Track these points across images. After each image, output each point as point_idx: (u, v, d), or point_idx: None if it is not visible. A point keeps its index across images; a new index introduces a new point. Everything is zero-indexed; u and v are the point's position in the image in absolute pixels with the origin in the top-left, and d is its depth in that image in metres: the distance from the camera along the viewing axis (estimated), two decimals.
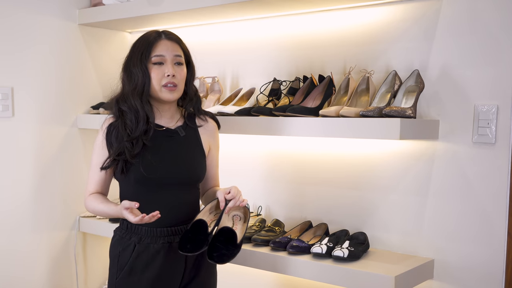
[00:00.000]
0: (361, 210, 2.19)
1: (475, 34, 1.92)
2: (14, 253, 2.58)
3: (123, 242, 1.82)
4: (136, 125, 1.77)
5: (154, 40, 1.80)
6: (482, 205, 1.92)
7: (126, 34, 2.98)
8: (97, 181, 1.86)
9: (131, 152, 1.76)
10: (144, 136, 1.77)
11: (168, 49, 1.80)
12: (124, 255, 1.80)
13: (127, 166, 1.78)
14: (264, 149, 2.47)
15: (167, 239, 1.79)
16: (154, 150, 1.79)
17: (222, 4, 2.20)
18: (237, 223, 1.83)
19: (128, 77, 1.81)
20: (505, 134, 1.87)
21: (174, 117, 1.88)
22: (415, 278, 1.93)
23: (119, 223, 1.89)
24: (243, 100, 2.44)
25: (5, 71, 2.52)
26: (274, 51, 2.43)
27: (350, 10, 2.20)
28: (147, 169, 1.76)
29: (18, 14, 2.54)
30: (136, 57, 1.79)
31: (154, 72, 1.78)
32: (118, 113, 1.81)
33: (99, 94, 2.87)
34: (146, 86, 1.78)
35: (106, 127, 1.84)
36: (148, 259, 1.78)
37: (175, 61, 1.81)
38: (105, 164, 1.81)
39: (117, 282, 1.80)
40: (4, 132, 2.52)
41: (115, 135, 1.80)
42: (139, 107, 1.77)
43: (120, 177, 1.82)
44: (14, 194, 2.57)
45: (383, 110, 1.85)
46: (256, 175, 2.49)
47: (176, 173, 1.80)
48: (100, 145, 1.84)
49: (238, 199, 1.74)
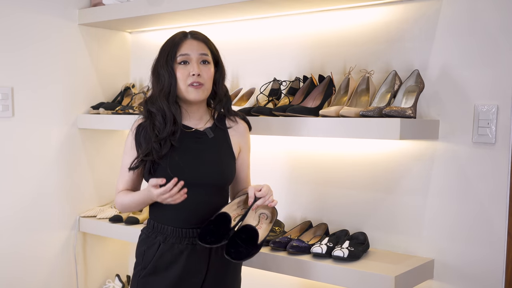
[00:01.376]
0: (361, 210, 2.19)
1: (475, 34, 1.92)
2: (14, 253, 2.57)
3: (148, 241, 1.82)
4: (164, 126, 1.77)
5: (180, 40, 1.81)
6: (482, 205, 1.92)
7: (126, 34, 2.98)
8: (127, 181, 1.87)
9: (158, 153, 1.76)
10: (172, 137, 1.77)
11: (193, 48, 1.80)
12: (149, 254, 1.80)
13: (154, 167, 1.78)
14: (264, 149, 2.47)
15: (191, 240, 1.78)
16: (182, 152, 1.79)
17: (222, 4, 2.20)
18: (263, 222, 1.79)
19: (156, 79, 1.81)
20: (505, 134, 1.87)
21: (203, 118, 1.87)
22: (415, 278, 1.93)
23: (146, 223, 1.88)
24: (243, 100, 2.44)
25: (5, 71, 2.52)
26: (274, 51, 2.43)
27: (350, 10, 2.20)
28: (174, 170, 1.75)
29: (18, 14, 2.54)
30: (162, 58, 1.80)
31: (179, 72, 1.78)
32: (147, 114, 1.82)
33: (99, 94, 2.87)
34: (173, 86, 1.78)
35: (135, 127, 1.85)
36: (172, 259, 1.77)
37: (200, 59, 1.80)
38: (133, 164, 1.82)
39: (139, 280, 1.80)
40: (4, 132, 2.52)
41: (144, 136, 1.81)
42: (166, 108, 1.77)
43: (148, 178, 1.81)
44: (14, 194, 2.56)
45: (383, 110, 1.85)
46: (255, 174, 2.49)
47: (203, 174, 1.79)
48: (130, 145, 1.85)
49: (268, 199, 1.72)
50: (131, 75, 3.01)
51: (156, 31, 2.86)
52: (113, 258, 2.95)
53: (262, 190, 1.72)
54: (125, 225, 2.59)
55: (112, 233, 2.64)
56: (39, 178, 2.65)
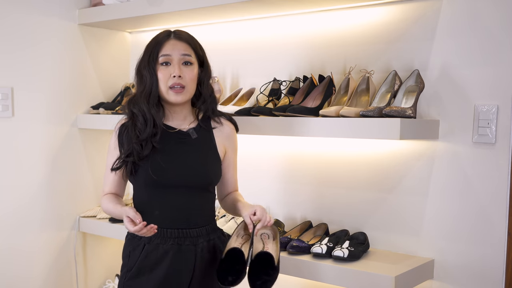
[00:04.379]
0: (361, 210, 2.19)
1: (475, 34, 1.92)
2: (14, 253, 2.57)
3: (133, 242, 1.80)
4: (145, 128, 1.75)
5: (162, 40, 1.78)
6: (482, 205, 1.92)
7: (126, 34, 2.98)
8: (111, 182, 1.85)
9: (139, 154, 1.74)
10: (153, 138, 1.76)
11: (175, 48, 1.77)
12: (134, 255, 1.78)
13: (135, 167, 1.76)
14: (263, 149, 2.47)
15: (176, 241, 1.77)
16: (164, 152, 1.77)
17: (222, 4, 2.20)
18: (267, 242, 1.78)
19: (139, 79, 1.80)
20: (505, 134, 1.87)
21: (187, 118, 1.84)
22: (415, 278, 1.93)
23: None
24: (243, 100, 2.44)
25: (5, 71, 2.52)
26: (274, 51, 2.43)
27: (350, 10, 2.20)
28: (156, 171, 1.74)
29: (18, 14, 2.54)
30: (145, 58, 1.78)
31: (161, 73, 1.76)
32: (130, 114, 1.80)
33: (99, 94, 2.87)
34: (154, 88, 1.76)
35: (118, 127, 1.83)
36: (157, 259, 1.76)
37: (182, 60, 1.77)
38: (115, 165, 1.80)
39: (125, 283, 1.78)
40: (4, 132, 2.52)
41: (126, 136, 1.79)
42: (146, 110, 1.75)
43: (131, 179, 1.81)
44: (14, 194, 2.56)
45: (383, 110, 1.85)
46: (255, 174, 2.49)
47: (186, 176, 1.77)
48: (113, 145, 1.83)
49: (265, 219, 1.71)
50: (131, 75, 3.01)
51: (156, 31, 2.83)
52: (113, 258, 2.95)
53: (257, 213, 1.71)
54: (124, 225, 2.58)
55: (112, 233, 2.64)
56: (39, 178, 2.65)
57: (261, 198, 2.46)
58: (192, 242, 1.77)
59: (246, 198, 1.89)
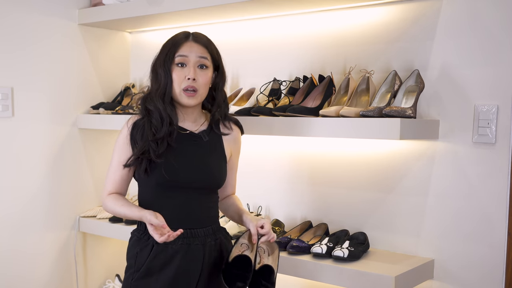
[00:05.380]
0: (361, 210, 2.19)
1: (475, 34, 1.92)
2: (14, 253, 2.57)
3: (141, 242, 1.79)
4: (161, 126, 1.75)
5: (180, 41, 1.77)
6: (482, 205, 1.92)
7: (126, 34, 2.98)
8: (117, 180, 1.82)
9: (156, 152, 1.73)
10: (169, 137, 1.76)
11: (192, 50, 1.76)
12: (142, 256, 1.77)
13: (151, 166, 1.75)
14: (263, 149, 2.47)
15: (185, 241, 1.77)
16: (177, 153, 1.77)
17: (222, 4, 2.20)
18: (263, 257, 1.79)
19: (154, 77, 1.79)
20: (505, 134, 1.87)
21: (197, 120, 1.85)
22: (415, 278, 1.93)
23: (137, 225, 1.85)
24: (243, 100, 2.44)
25: (5, 71, 2.52)
26: (274, 51, 2.43)
27: (350, 10, 2.20)
28: (169, 171, 1.74)
29: (18, 14, 2.54)
30: (161, 57, 1.78)
31: (175, 74, 1.75)
32: (144, 112, 1.79)
33: (99, 94, 2.87)
34: (168, 87, 1.75)
35: (131, 124, 1.81)
36: (166, 259, 1.76)
37: (198, 63, 1.76)
38: (129, 161, 1.77)
39: (132, 283, 1.77)
40: (4, 132, 2.52)
41: (141, 133, 1.77)
42: (161, 108, 1.75)
43: (142, 177, 1.79)
44: (14, 194, 2.56)
45: (383, 110, 1.85)
46: (255, 175, 2.49)
47: (197, 177, 1.77)
48: (124, 141, 1.80)
49: (270, 236, 1.73)
50: (131, 75, 3.01)
51: (156, 31, 2.86)
52: (113, 258, 2.95)
53: (265, 227, 1.73)
54: (125, 225, 2.58)
55: (112, 233, 2.64)
56: (39, 178, 2.65)
57: (261, 198, 2.47)
58: (200, 241, 1.78)
59: (246, 198, 1.90)
